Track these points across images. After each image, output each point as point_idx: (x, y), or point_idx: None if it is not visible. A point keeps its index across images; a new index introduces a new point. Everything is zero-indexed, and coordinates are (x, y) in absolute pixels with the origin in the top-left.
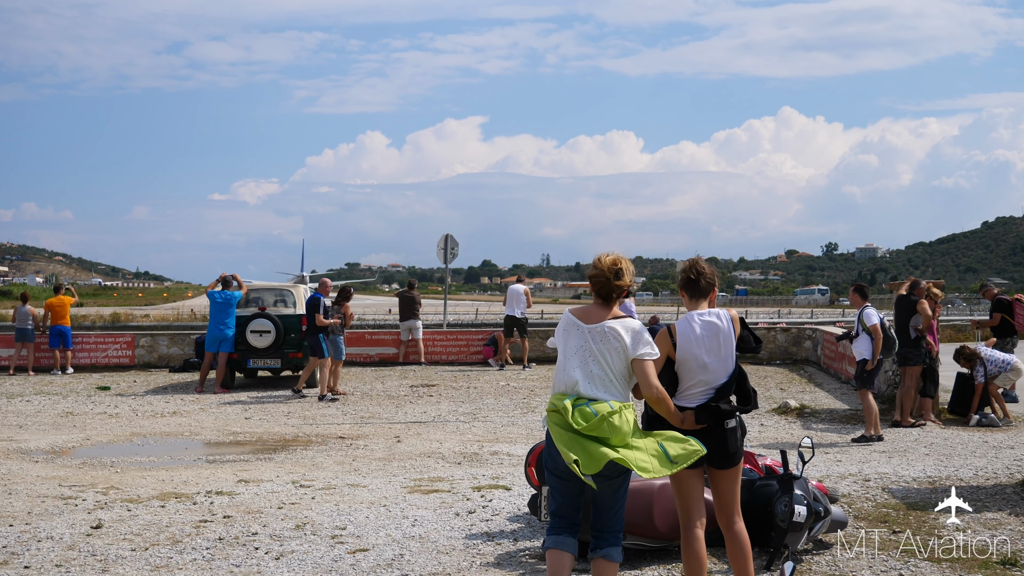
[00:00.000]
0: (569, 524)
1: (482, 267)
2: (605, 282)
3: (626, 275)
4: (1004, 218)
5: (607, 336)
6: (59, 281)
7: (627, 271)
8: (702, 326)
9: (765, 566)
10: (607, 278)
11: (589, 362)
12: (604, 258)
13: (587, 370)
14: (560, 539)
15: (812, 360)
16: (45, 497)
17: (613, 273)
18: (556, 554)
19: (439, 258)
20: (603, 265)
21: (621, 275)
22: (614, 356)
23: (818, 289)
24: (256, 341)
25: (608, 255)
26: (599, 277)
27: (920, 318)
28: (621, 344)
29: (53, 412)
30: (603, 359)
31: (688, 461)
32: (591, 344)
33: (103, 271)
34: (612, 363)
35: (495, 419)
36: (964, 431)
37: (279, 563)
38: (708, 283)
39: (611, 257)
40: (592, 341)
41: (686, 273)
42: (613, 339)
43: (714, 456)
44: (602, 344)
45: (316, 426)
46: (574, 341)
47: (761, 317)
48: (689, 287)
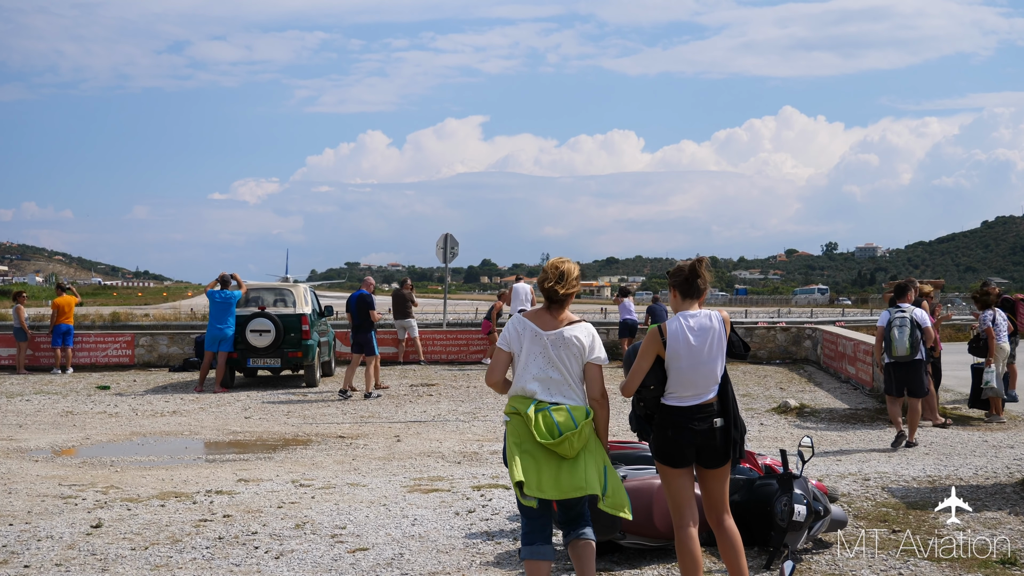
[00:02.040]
0: (540, 525)
1: (482, 267)
2: (549, 288)
3: (569, 279)
4: (1004, 218)
5: (568, 343)
6: (60, 280)
7: (570, 275)
8: (693, 326)
9: (765, 565)
10: (551, 283)
11: (548, 369)
12: (551, 262)
13: (546, 375)
14: (535, 548)
15: (812, 359)
16: (45, 496)
17: (556, 278)
18: (534, 564)
19: (439, 257)
20: (548, 269)
21: (563, 279)
22: (573, 361)
23: (818, 288)
24: (256, 340)
25: (555, 259)
26: (544, 282)
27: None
28: (580, 348)
29: (53, 411)
30: (562, 365)
31: (612, 511)
32: (550, 351)
33: (103, 270)
34: (571, 368)
35: (495, 418)
36: (964, 431)
37: (279, 562)
38: (704, 286)
39: (555, 261)
40: (552, 347)
41: (685, 273)
42: (573, 345)
43: (703, 455)
44: (562, 350)
45: (316, 425)
46: (532, 347)
47: (761, 316)
48: (684, 287)
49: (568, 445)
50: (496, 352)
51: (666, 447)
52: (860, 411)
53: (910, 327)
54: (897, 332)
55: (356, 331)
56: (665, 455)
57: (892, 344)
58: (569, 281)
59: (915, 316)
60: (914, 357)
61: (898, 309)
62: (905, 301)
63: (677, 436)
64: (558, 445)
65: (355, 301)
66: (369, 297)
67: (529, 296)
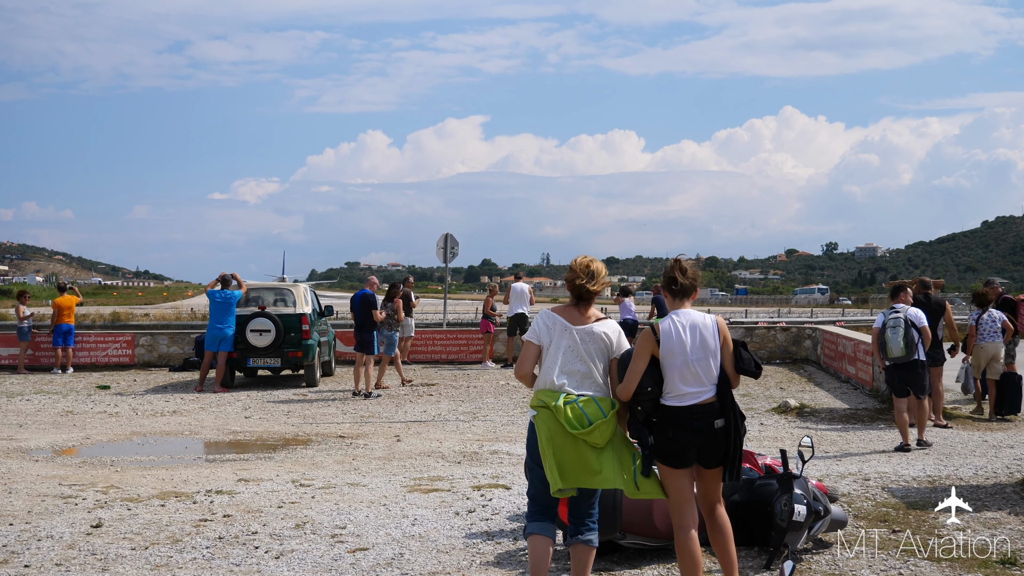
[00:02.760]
0: (546, 507)
1: (482, 266)
2: (579, 285)
3: (599, 278)
4: (1004, 218)
5: (596, 337)
6: (61, 280)
7: (600, 274)
8: (684, 323)
9: (765, 565)
10: (582, 281)
11: (576, 363)
12: (579, 261)
13: (574, 369)
14: (541, 525)
15: (812, 359)
16: (45, 496)
17: (587, 276)
18: (538, 539)
19: (439, 257)
20: (577, 268)
21: (594, 277)
22: (600, 355)
23: (818, 288)
24: (256, 340)
25: (583, 258)
26: (574, 280)
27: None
28: (608, 344)
29: (53, 411)
30: (590, 359)
31: (648, 496)
32: (579, 345)
33: (103, 270)
34: (598, 362)
35: (495, 418)
36: (964, 431)
37: (279, 562)
38: (690, 283)
39: (585, 260)
40: (581, 342)
41: (668, 273)
42: (601, 340)
43: (703, 456)
44: (591, 345)
45: (316, 425)
46: (562, 341)
47: (761, 316)
48: (670, 287)
49: (599, 434)
50: (526, 345)
51: (667, 448)
52: (860, 411)
53: (904, 327)
54: (890, 333)
55: (359, 330)
56: (666, 456)
57: (887, 346)
58: (599, 279)
59: (910, 316)
60: (911, 358)
61: (892, 310)
62: (899, 301)
63: (677, 437)
64: (588, 434)
65: (358, 300)
66: (372, 296)
67: (527, 296)
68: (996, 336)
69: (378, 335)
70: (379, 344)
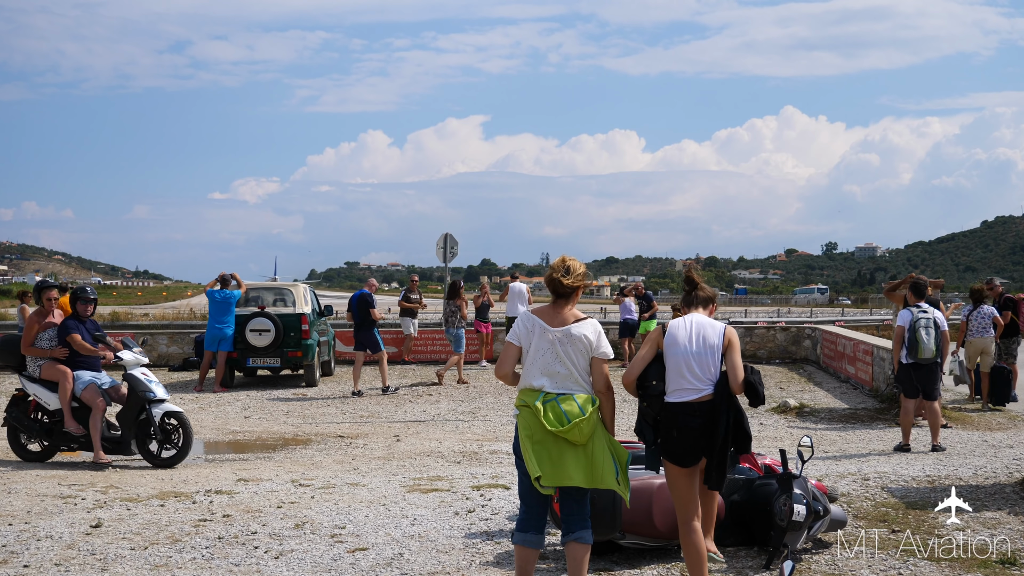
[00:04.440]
0: (535, 510)
1: (482, 266)
2: (555, 279)
3: (573, 273)
4: (1004, 217)
5: (575, 340)
6: (60, 281)
7: (575, 270)
8: (692, 322)
9: (765, 565)
10: (557, 277)
11: (555, 364)
12: (557, 259)
13: (553, 370)
14: (527, 536)
15: (811, 359)
16: (44, 496)
17: (562, 271)
18: (523, 551)
19: (439, 257)
20: (554, 264)
21: (569, 272)
22: (580, 357)
23: (817, 288)
24: (255, 340)
25: (562, 256)
26: (551, 275)
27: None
28: (587, 345)
29: None
30: (569, 360)
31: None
32: (557, 347)
33: (103, 270)
34: (577, 362)
35: (494, 418)
36: (963, 430)
37: (278, 562)
38: (705, 296)
39: (562, 257)
40: (559, 343)
41: (684, 286)
42: (580, 342)
43: (707, 452)
44: (569, 347)
45: (316, 425)
46: (540, 343)
47: (761, 316)
48: (686, 297)
49: (577, 431)
50: (506, 346)
51: (672, 447)
52: (860, 411)
53: (935, 328)
54: (924, 333)
55: (358, 329)
56: (672, 455)
57: (919, 346)
58: (573, 274)
59: (937, 318)
60: (936, 359)
61: (921, 309)
62: (923, 300)
63: (680, 436)
64: (568, 432)
65: (356, 300)
66: (370, 296)
67: (525, 295)
68: (986, 331)
69: (379, 334)
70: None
